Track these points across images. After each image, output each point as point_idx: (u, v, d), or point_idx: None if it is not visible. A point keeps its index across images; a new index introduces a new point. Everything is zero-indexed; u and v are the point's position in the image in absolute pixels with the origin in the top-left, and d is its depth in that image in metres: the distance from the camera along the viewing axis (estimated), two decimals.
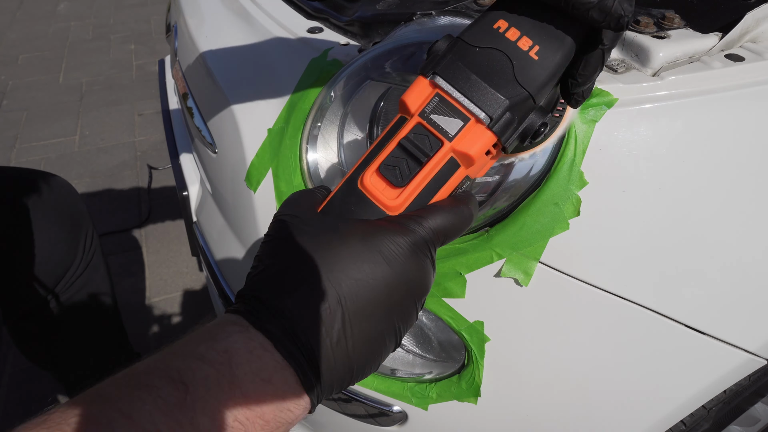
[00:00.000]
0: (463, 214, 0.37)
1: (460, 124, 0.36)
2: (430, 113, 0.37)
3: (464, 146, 0.36)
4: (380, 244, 0.33)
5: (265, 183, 0.75)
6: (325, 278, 0.32)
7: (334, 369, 0.32)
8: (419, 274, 0.34)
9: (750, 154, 0.57)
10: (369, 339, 0.33)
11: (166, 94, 1.31)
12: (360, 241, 0.33)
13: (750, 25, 0.60)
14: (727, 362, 0.61)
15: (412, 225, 0.35)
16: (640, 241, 0.57)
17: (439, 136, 0.36)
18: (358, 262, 0.32)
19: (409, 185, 0.36)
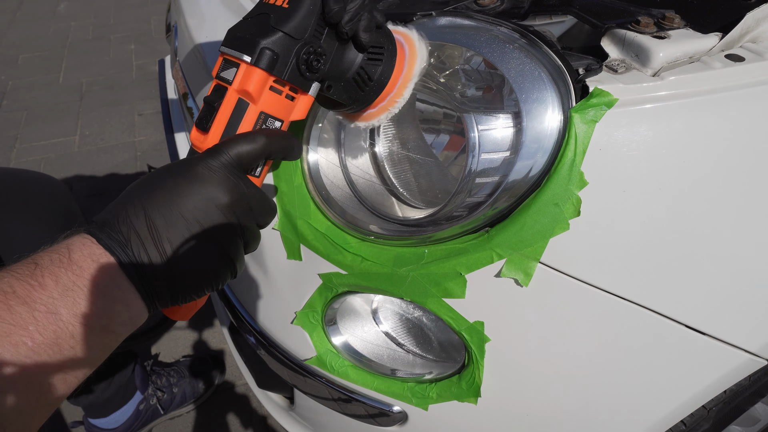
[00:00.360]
0: (255, 138, 0.46)
1: (234, 71, 0.46)
2: (220, 72, 0.47)
3: (242, 85, 0.46)
4: (180, 167, 0.43)
5: (266, 183, 0.75)
6: (136, 196, 0.42)
7: (149, 265, 0.41)
8: (220, 185, 0.43)
9: (750, 154, 0.57)
10: (178, 240, 0.41)
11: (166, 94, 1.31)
12: (166, 168, 0.44)
13: (750, 25, 0.60)
14: (727, 362, 0.61)
15: (209, 151, 0.45)
16: (640, 241, 0.57)
17: (225, 85, 0.47)
18: (161, 181, 0.43)
19: (212, 127, 0.47)
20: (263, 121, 0.48)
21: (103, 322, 0.39)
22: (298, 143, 0.50)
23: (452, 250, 0.61)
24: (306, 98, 0.50)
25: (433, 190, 0.69)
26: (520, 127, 0.56)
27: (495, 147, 0.57)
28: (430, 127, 0.69)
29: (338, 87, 0.51)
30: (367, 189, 0.71)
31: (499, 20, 0.63)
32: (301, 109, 0.50)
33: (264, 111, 0.48)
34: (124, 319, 0.41)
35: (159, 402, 1.37)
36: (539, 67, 0.57)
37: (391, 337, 0.77)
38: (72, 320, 0.37)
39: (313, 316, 0.75)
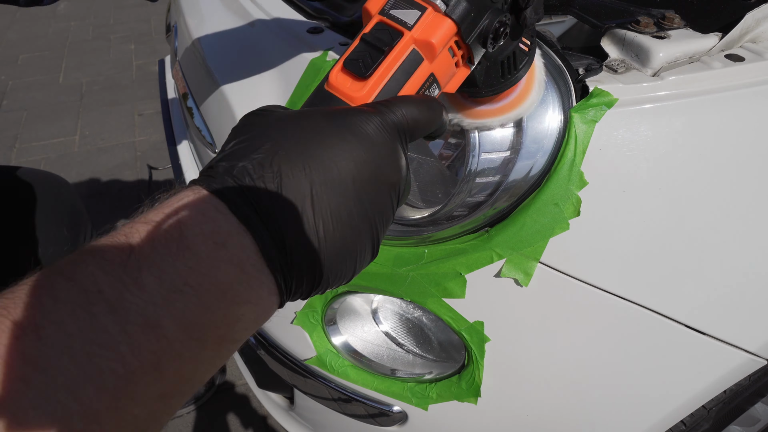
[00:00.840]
0: (433, 107, 0.36)
1: (417, 14, 0.37)
2: (389, 9, 0.37)
3: (424, 34, 0.37)
4: (347, 121, 0.32)
5: None
6: (288, 147, 0.30)
7: (300, 246, 0.29)
8: (391, 157, 0.33)
9: (750, 153, 0.57)
10: (339, 219, 0.30)
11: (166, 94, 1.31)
12: (325, 117, 0.32)
13: (750, 25, 0.60)
14: (727, 362, 0.61)
15: (380, 107, 0.34)
16: (640, 241, 0.57)
17: (399, 27, 0.37)
18: (323, 135, 0.30)
19: (374, 75, 0.36)
20: (429, 85, 0.39)
21: (221, 332, 0.27)
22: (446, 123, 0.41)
23: (452, 250, 0.61)
24: (464, 71, 0.42)
25: (433, 190, 0.69)
26: (520, 127, 0.56)
27: (495, 147, 0.57)
28: None
29: (483, 65, 0.44)
30: None
31: None
32: (456, 83, 0.42)
33: (434, 73, 0.39)
34: (248, 323, 0.28)
35: None
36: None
37: (391, 337, 0.77)
38: (179, 335, 0.26)
39: (313, 316, 0.75)
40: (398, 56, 0.37)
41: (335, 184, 0.30)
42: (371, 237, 0.32)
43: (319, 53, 0.74)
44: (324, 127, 0.31)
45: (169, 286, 0.25)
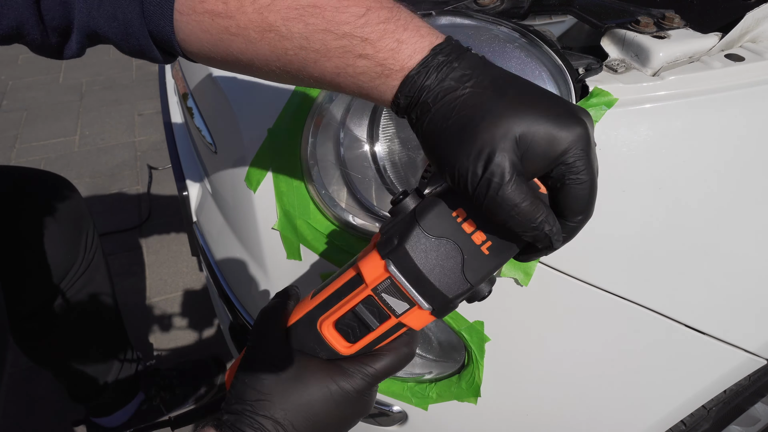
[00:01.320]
0: (404, 355, 0.46)
1: (406, 307, 0.43)
2: (381, 291, 0.43)
3: (408, 322, 0.44)
4: (331, 387, 0.44)
5: (265, 183, 0.75)
6: (280, 408, 0.43)
7: None
8: (359, 410, 0.45)
9: (750, 153, 0.57)
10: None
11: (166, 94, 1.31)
12: (316, 381, 0.44)
13: (750, 25, 0.60)
14: (727, 362, 0.61)
15: (360, 372, 0.45)
16: (639, 241, 0.57)
17: (387, 311, 0.44)
18: (311, 399, 0.43)
19: (359, 342, 0.46)
20: (398, 329, 0.46)
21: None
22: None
23: None
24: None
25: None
26: None
27: None
28: None
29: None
30: (367, 188, 0.71)
31: (499, 20, 0.63)
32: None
33: (411, 327, 0.46)
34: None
35: (162, 402, 1.37)
36: (539, 67, 0.57)
37: None
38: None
39: None
40: (381, 330, 0.45)
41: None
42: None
43: None
44: (313, 391, 0.44)
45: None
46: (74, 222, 1.08)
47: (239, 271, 0.85)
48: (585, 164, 0.37)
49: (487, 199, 0.36)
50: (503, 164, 0.36)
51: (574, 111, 0.37)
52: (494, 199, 0.36)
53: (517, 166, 0.36)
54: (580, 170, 0.37)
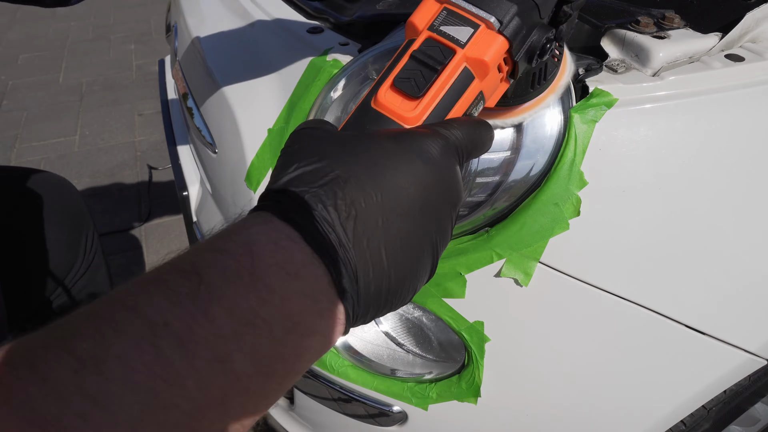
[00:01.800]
0: (487, 129, 0.37)
1: (470, 31, 0.36)
2: (439, 26, 0.36)
3: (478, 52, 0.35)
4: (414, 145, 0.31)
5: (265, 183, 0.75)
6: (360, 174, 0.29)
7: (369, 274, 0.28)
8: (453, 179, 0.33)
9: (750, 153, 0.57)
10: (407, 245, 0.30)
11: (166, 94, 1.31)
12: (392, 141, 0.31)
13: (750, 25, 0.60)
14: (727, 362, 0.61)
15: (441, 130, 0.33)
16: (640, 241, 0.57)
17: (451, 45, 0.36)
18: (393, 160, 0.30)
19: (426, 95, 0.35)
20: (477, 103, 0.38)
21: (288, 364, 0.27)
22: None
23: (452, 250, 0.61)
24: (505, 85, 0.41)
25: None
26: (520, 127, 0.56)
27: (495, 147, 0.57)
28: None
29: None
30: None
31: None
32: (496, 97, 0.42)
33: (483, 90, 0.38)
34: (314, 354, 0.28)
35: None
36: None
37: (391, 337, 0.77)
38: (247, 369, 0.25)
39: None
40: (451, 75, 0.36)
41: (405, 211, 0.30)
42: (432, 257, 0.32)
43: (319, 53, 0.74)
44: (392, 151, 0.31)
45: (239, 318, 0.24)
46: (74, 222, 1.08)
47: None
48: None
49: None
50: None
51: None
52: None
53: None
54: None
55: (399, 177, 0.30)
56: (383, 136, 0.32)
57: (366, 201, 0.28)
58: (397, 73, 0.36)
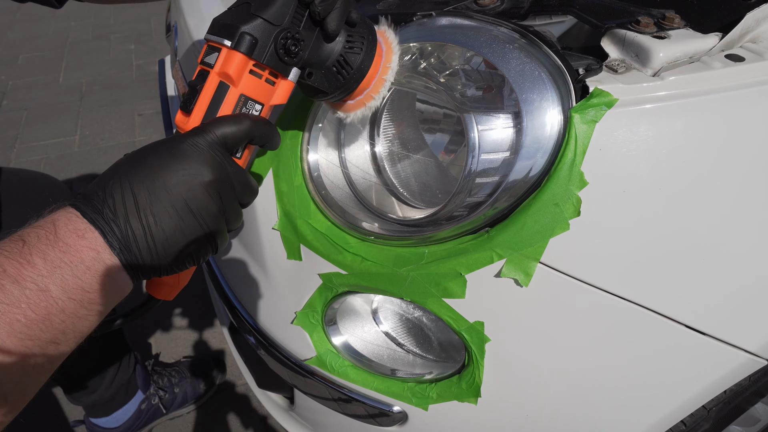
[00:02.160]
0: (239, 120, 0.47)
1: (215, 56, 0.49)
2: (204, 58, 0.50)
3: (223, 68, 0.48)
4: (165, 143, 0.45)
5: (266, 183, 0.75)
6: (120, 168, 0.44)
7: (133, 235, 0.42)
8: (202, 163, 0.44)
9: (750, 153, 0.57)
10: (162, 213, 0.43)
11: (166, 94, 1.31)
12: (152, 145, 0.46)
13: (750, 25, 0.60)
14: (727, 362, 0.61)
15: (194, 129, 0.46)
16: (640, 241, 0.57)
17: (207, 69, 0.49)
18: (146, 158, 0.44)
19: (194, 109, 0.49)
20: (243, 104, 0.50)
21: (90, 296, 0.41)
22: (278, 134, 0.52)
23: (452, 250, 0.61)
24: (286, 83, 0.52)
25: (433, 190, 0.69)
26: (520, 127, 0.56)
27: (495, 147, 0.57)
28: (430, 127, 0.69)
29: (319, 74, 0.53)
30: (367, 189, 0.71)
31: (499, 20, 0.63)
32: (282, 94, 0.52)
33: (244, 93, 0.49)
34: (110, 292, 0.42)
35: (161, 401, 1.37)
36: (539, 67, 0.57)
37: (391, 337, 0.77)
38: (61, 296, 0.39)
39: (313, 316, 0.75)
40: (209, 90, 0.49)
41: (155, 189, 0.43)
42: (200, 227, 0.45)
43: None
44: (148, 151, 0.45)
45: (51, 263, 0.39)
46: None
47: (239, 271, 0.85)
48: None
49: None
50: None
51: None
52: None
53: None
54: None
55: (149, 167, 0.43)
56: (151, 144, 0.46)
57: (123, 187, 0.43)
58: (182, 99, 0.50)
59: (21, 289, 0.38)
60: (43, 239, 0.40)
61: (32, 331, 0.38)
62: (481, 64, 0.60)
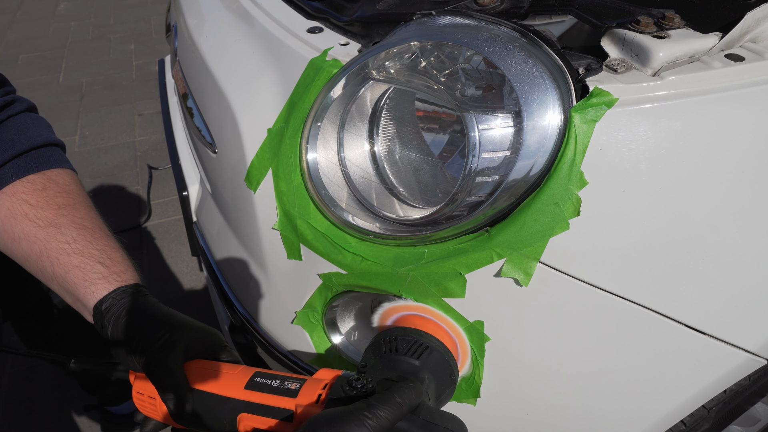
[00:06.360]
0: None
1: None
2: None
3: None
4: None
5: (265, 183, 0.75)
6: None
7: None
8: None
9: (750, 153, 0.57)
10: None
11: (166, 94, 1.31)
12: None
13: (750, 25, 0.60)
14: (727, 362, 0.61)
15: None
16: (640, 240, 0.57)
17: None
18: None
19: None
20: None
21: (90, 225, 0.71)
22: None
23: (452, 250, 0.61)
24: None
25: (433, 190, 0.69)
26: (521, 127, 0.56)
27: (495, 146, 0.57)
28: (430, 126, 0.69)
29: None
30: (367, 188, 0.71)
31: (499, 20, 0.63)
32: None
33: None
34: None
35: None
36: (539, 67, 0.57)
37: None
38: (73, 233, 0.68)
39: (314, 316, 0.75)
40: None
41: None
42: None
43: (319, 53, 0.74)
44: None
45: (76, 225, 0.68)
46: None
47: (239, 271, 0.85)
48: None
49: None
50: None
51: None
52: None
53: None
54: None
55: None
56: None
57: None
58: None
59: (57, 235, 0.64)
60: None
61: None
62: (481, 63, 0.60)
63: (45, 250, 0.64)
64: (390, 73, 0.65)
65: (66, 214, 0.67)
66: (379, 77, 0.66)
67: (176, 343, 0.59)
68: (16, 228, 0.65)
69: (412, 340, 0.59)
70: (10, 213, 0.65)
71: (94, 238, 0.66)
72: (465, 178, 0.58)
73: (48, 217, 0.65)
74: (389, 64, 0.65)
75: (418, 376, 0.56)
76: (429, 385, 0.56)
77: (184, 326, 0.62)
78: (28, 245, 0.64)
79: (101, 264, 0.63)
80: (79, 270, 0.62)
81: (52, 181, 0.70)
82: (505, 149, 0.57)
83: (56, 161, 0.72)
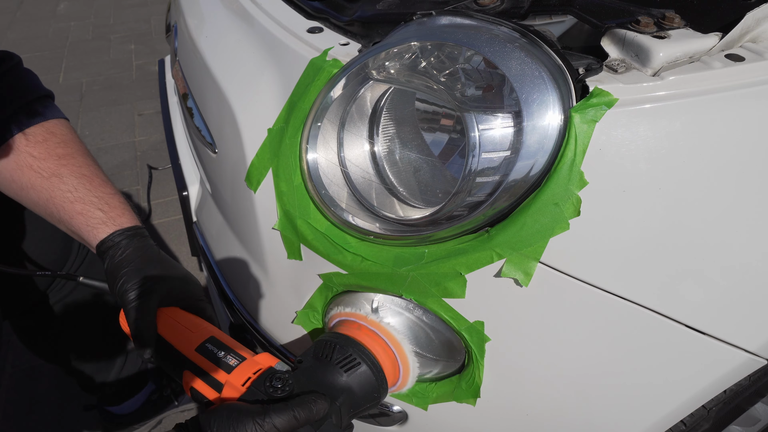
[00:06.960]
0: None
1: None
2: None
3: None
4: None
5: (265, 183, 0.75)
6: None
7: None
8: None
9: (750, 154, 0.57)
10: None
11: (166, 94, 1.31)
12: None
13: (750, 25, 0.60)
14: (727, 362, 0.61)
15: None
16: (640, 240, 0.57)
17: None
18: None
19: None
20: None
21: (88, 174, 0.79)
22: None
23: (452, 250, 0.61)
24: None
25: (433, 190, 0.69)
26: (521, 127, 0.56)
27: (495, 146, 0.57)
28: (430, 126, 0.69)
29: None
30: (367, 188, 0.71)
31: (499, 20, 0.63)
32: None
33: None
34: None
35: (172, 393, 1.39)
36: (540, 67, 0.57)
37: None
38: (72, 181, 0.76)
39: (314, 316, 0.75)
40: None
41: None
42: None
43: (319, 53, 0.74)
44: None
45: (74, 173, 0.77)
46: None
47: (239, 271, 0.85)
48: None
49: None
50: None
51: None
52: None
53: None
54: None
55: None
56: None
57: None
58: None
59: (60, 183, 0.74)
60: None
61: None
62: (481, 64, 0.60)
63: (51, 198, 0.73)
64: (390, 73, 0.65)
65: (66, 164, 0.75)
66: (379, 77, 0.66)
67: (153, 292, 0.67)
68: (23, 178, 0.74)
69: (347, 354, 0.62)
70: (17, 165, 0.74)
71: (92, 185, 0.75)
72: (465, 178, 0.58)
73: (50, 167, 0.74)
74: (389, 64, 0.65)
75: (335, 392, 0.59)
76: (344, 402, 0.59)
77: (166, 276, 0.70)
78: (35, 194, 0.74)
79: (100, 210, 0.73)
80: (81, 216, 0.72)
81: (50, 132, 0.78)
82: (505, 149, 0.57)
83: (51, 113, 0.80)
